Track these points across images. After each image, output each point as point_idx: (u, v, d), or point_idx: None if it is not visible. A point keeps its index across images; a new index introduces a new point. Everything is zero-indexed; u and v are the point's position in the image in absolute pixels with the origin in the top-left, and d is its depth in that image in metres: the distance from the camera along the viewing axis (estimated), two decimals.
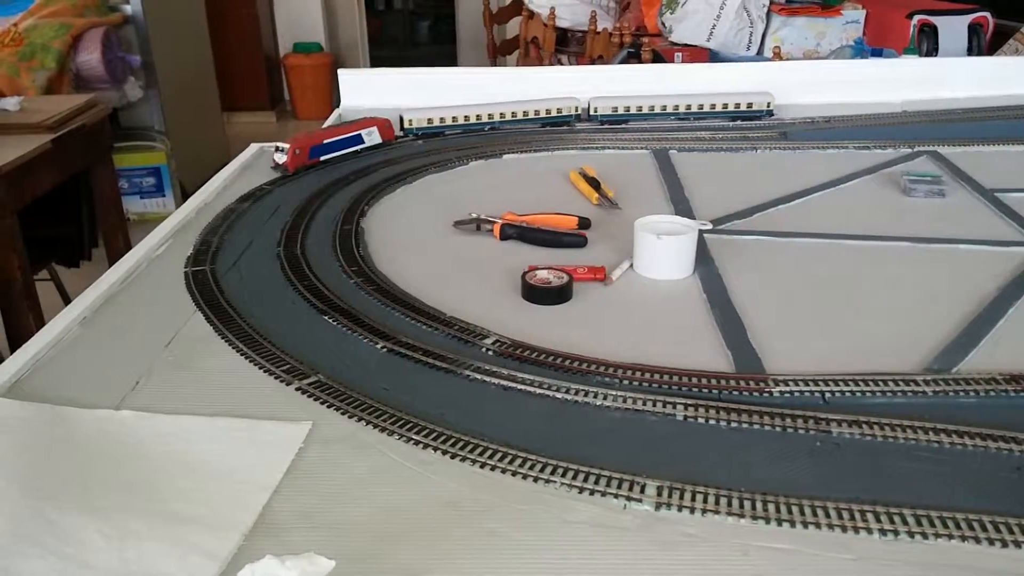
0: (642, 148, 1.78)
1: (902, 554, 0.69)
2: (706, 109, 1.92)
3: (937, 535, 0.70)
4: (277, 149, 1.55)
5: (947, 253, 1.28)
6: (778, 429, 0.85)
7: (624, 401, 0.90)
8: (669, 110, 1.92)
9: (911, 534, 0.71)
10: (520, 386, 0.92)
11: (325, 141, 1.60)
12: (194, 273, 1.18)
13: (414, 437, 0.83)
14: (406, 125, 1.81)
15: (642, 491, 0.76)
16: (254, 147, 1.67)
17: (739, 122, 1.91)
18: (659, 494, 0.76)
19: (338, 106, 2.05)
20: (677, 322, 1.09)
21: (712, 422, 0.86)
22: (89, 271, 2.75)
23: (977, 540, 0.70)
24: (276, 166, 1.56)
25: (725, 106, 1.92)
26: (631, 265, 1.23)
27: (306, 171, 1.59)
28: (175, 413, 0.86)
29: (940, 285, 1.17)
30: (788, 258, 1.27)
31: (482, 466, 0.79)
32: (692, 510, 0.74)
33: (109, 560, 0.63)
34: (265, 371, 0.94)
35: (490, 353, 1.00)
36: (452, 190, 1.55)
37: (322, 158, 1.60)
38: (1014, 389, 0.91)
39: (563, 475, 0.78)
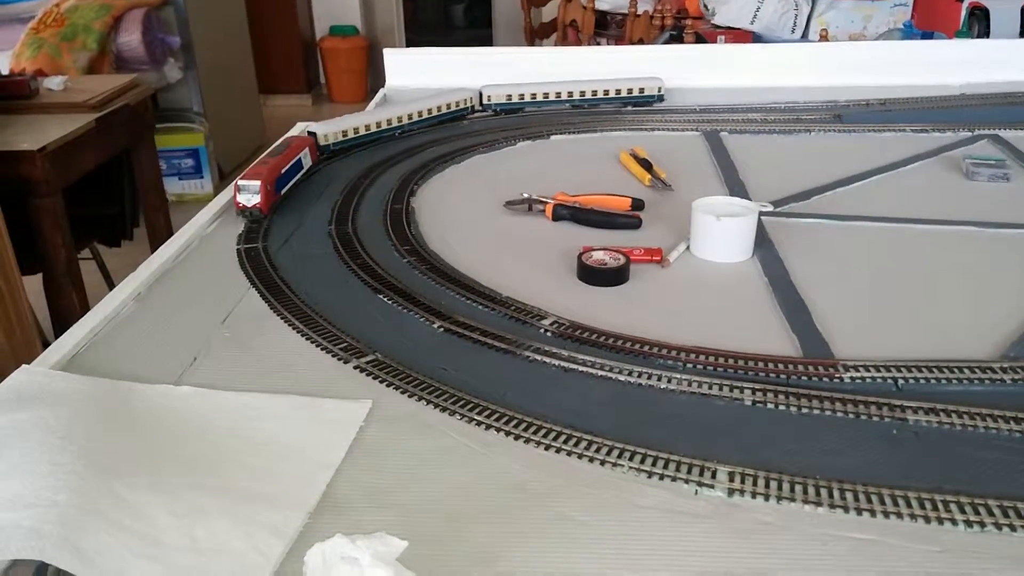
0: (693, 130, 1.74)
1: (990, 547, 0.66)
2: (599, 95, 1.86)
3: None
4: (238, 190, 1.24)
5: (1015, 238, 1.23)
6: (851, 416, 0.82)
7: (689, 384, 0.87)
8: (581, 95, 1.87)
9: (998, 526, 0.68)
10: (581, 367, 0.90)
11: (282, 171, 1.32)
12: (247, 251, 1.18)
13: (476, 417, 0.81)
14: (485, 101, 1.81)
15: (713, 476, 0.74)
16: (300, 126, 1.66)
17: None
18: (731, 480, 0.73)
19: (383, 86, 2.03)
20: (738, 305, 1.06)
21: (782, 407, 0.84)
22: (130, 250, 2.78)
23: None
24: (243, 211, 1.25)
25: (619, 92, 1.86)
26: (688, 247, 1.20)
27: (275, 209, 1.31)
28: (235, 390, 0.86)
29: (1010, 271, 1.13)
30: (849, 242, 1.24)
31: (547, 448, 0.78)
32: (767, 497, 0.72)
33: (179, 537, 0.62)
34: (323, 349, 0.93)
35: (548, 334, 0.98)
36: (501, 170, 1.53)
37: (281, 192, 1.32)
38: None
39: (631, 459, 0.76)
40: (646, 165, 1.49)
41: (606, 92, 1.86)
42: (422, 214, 1.32)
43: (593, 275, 1.11)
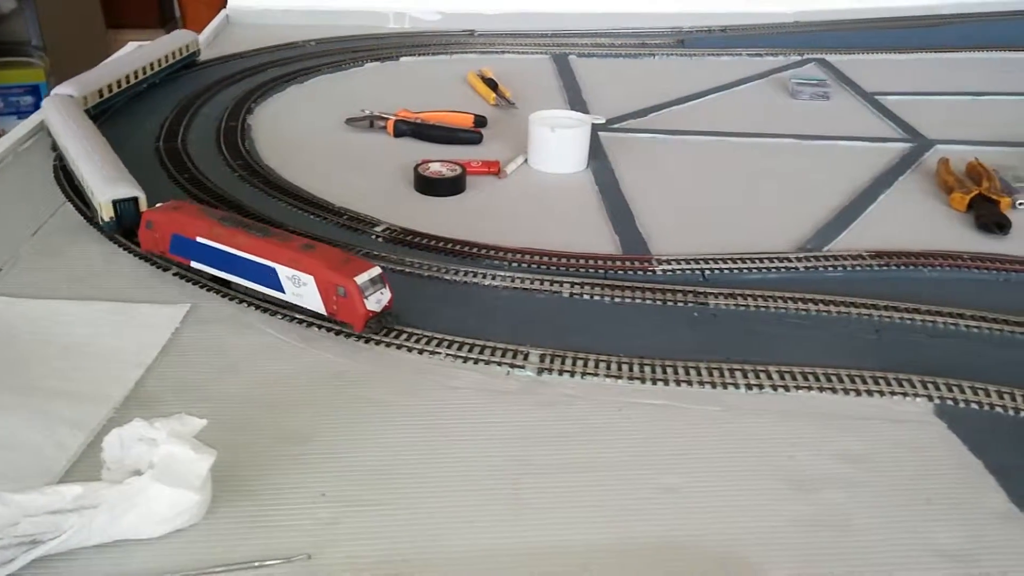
0: (542, 53, 1.76)
1: (765, 403, 0.73)
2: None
3: (798, 387, 0.75)
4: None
5: (827, 149, 1.33)
6: (659, 303, 0.88)
7: (512, 281, 0.91)
8: None
9: (775, 387, 0.75)
10: (409, 269, 0.92)
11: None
12: (63, 166, 1.12)
13: (298, 316, 0.82)
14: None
15: (525, 359, 0.78)
16: (132, 45, 1.57)
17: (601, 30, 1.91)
18: (541, 361, 0.78)
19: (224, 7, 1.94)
20: (569, 212, 1.10)
21: (597, 298, 0.89)
22: None
23: (834, 391, 0.75)
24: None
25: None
26: (526, 160, 1.23)
27: None
28: (46, 299, 0.83)
29: (820, 177, 1.22)
30: (678, 154, 1.30)
31: (367, 341, 0.79)
32: (572, 374, 0.76)
33: None
34: (141, 257, 0.91)
35: (380, 240, 0.99)
36: (346, 90, 1.50)
37: None
38: (878, 264, 0.96)
39: (448, 347, 0.79)
40: (492, 85, 1.50)
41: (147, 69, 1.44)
42: (259, 132, 1.29)
43: (430, 186, 1.12)
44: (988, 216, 1.06)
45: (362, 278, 0.78)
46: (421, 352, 0.78)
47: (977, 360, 0.79)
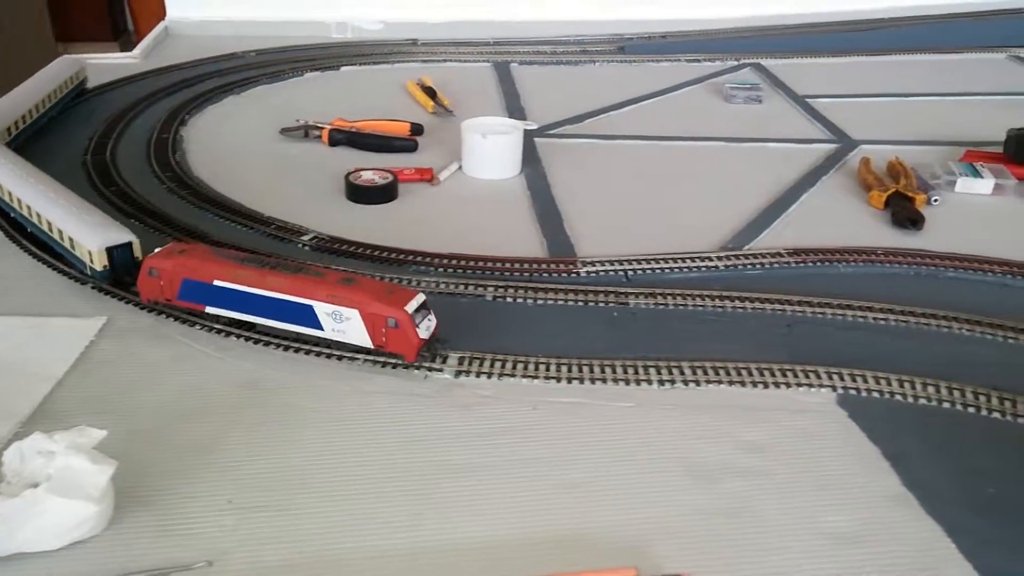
0: (484, 61, 1.78)
1: (675, 398, 0.75)
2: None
3: (708, 381, 0.77)
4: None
5: (757, 151, 1.36)
6: (581, 304, 0.89)
7: (437, 286, 0.92)
8: None
9: (686, 382, 0.77)
10: None
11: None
12: None
13: (215, 326, 0.82)
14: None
15: (444, 362, 0.79)
16: (66, 58, 1.55)
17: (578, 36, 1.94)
18: (460, 363, 0.78)
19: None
20: (500, 217, 1.11)
21: (520, 301, 0.90)
22: None
23: (743, 384, 0.77)
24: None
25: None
26: (460, 167, 1.25)
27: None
28: None
29: (747, 178, 1.24)
30: (612, 158, 1.32)
31: (285, 349, 0.80)
32: (490, 375, 0.77)
33: None
34: (59, 271, 0.90)
35: (307, 248, 0.99)
36: (284, 100, 1.50)
37: None
38: (795, 261, 0.99)
39: (367, 352, 0.79)
40: (430, 93, 1.51)
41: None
42: (192, 143, 1.28)
43: (361, 194, 1.13)
44: (903, 213, 1.09)
45: (411, 307, 0.75)
46: (340, 359, 0.79)
47: (882, 351, 0.82)
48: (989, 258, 0.99)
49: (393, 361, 0.78)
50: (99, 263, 0.84)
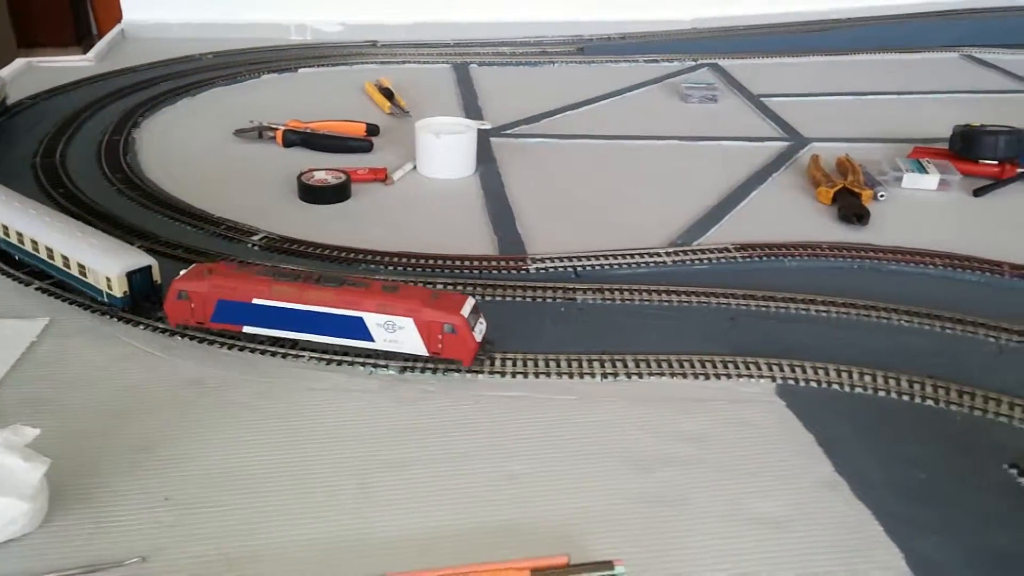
0: (443, 62, 1.79)
1: (618, 391, 0.76)
2: None
3: (651, 374, 0.78)
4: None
5: (711, 149, 1.37)
6: (529, 300, 0.90)
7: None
8: None
9: (628, 375, 0.78)
10: None
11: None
12: None
13: (160, 326, 0.81)
14: None
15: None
16: (20, 61, 1.54)
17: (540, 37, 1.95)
18: (406, 360, 0.79)
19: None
20: (453, 216, 1.12)
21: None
22: None
23: (684, 376, 0.78)
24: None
25: None
26: (415, 167, 1.25)
27: None
28: None
29: (700, 176, 1.26)
30: (566, 157, 1.33)
31: (230, 347, 0.80)
32: (435, 371, 0.78)
33: None
34: (3, 273, 0.89)
35: (256, 248, 0.99)
36: (240, 102, 1.50)
37: None
38: (742, 256, 1.01)
39: (313, 350, 0.79)
40: (388, 94, 1.51)
41: None
42: (144, 145, 1.28)
43: (314, 194, 1.13)
44: (849, 208, 1.11)
45: (466, 311, 0.75)
46: (285, 356, 0.79)
47: (823, 342, 0.83)
48: (931, 251, 1.01)
49: (339, 358, 0.78)
50: (119, 289, 0.80)
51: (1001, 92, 1.67)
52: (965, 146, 1.27)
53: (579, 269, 0.97)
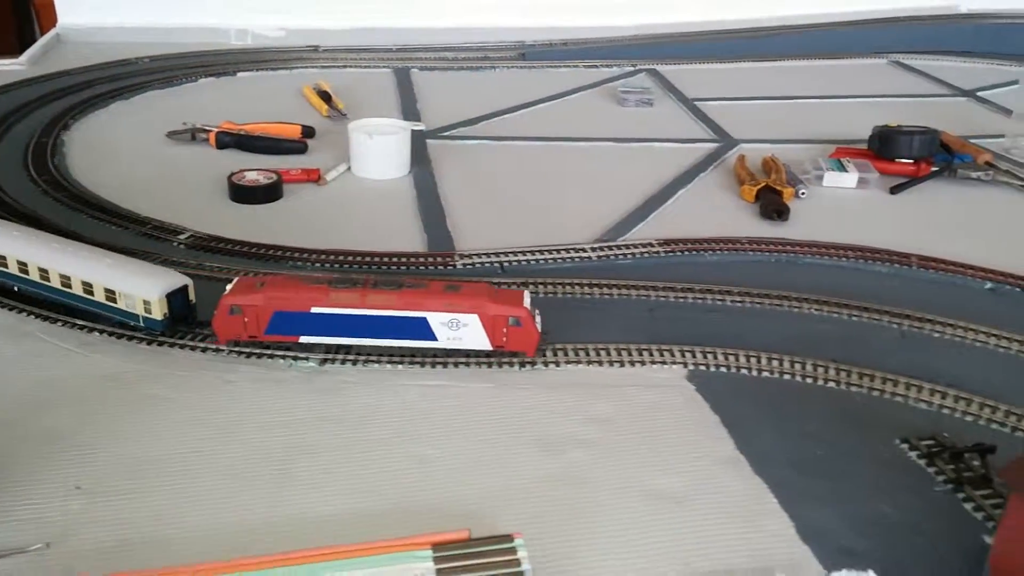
0: (384, 67, 1.80)
1: (534, 379, 0.77)
2: None
3: (568, 362, 0.80)
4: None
5: (643, 150, 1.41)
6: None
7: None
8: None
9: (546, 364, 0.79)
10: (208, 273, 0.93)
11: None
12: None
13: (79, 322, 0.81)
14: None
15: (311, 351, 0.80)
16: None
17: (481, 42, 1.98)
18: (326, 351, 0.80)
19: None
20: (385, 215, 1.13)
21: None
22: None
23: (600, 364, 0.80)
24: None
25: None
26: (349, 167, 1.26)
27: None
28: None
29: (631, 176, 1.29)
30: (501, 159, 1.35)
31: (149, 343, 0.80)
32: (355, 362, 0.79)
33: None
34: None
35: (182, 247, 0.99)
36: (175, 105, 1.49)
37: None
38: (665, 251, 1.03)
39: (232, 344, 0.80)
40: (325, 97, 1.52)
41: None
42: (74, 148, 1.26)
43: (244, 194, 1.13)
44: (770, 205, 1.15)
45: (527, 303, 0.77)
46: (204, 351, 0.79)
47: (736, 330, 0.86)
48: (845, 245, 1.05)
49: (258, 351, 0.79)
50: (159, 312, 0.78)
51: (925, 96, 1.74)
52: (883, 146, 1.32)
53: (505, 264, 0.99)
